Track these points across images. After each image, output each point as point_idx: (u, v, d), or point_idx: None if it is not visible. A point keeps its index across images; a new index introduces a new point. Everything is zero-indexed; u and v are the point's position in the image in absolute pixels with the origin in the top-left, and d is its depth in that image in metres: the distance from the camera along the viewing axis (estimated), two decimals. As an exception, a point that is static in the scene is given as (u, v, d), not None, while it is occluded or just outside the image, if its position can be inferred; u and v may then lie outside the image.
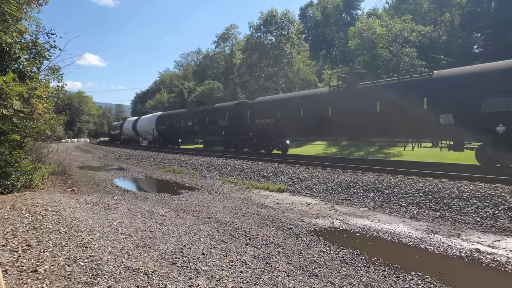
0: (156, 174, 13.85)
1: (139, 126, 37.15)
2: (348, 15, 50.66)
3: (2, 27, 8.65)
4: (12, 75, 7.74)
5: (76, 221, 5.68)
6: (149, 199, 8.40)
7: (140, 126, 37.07)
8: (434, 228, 5.56)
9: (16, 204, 6.94)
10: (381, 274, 3.75)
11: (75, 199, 7.85)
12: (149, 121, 34.75)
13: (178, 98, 54.65)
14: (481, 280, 3.87)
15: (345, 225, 5.89)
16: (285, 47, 36.69)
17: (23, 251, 4.17)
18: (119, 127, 45.94)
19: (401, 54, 24.71)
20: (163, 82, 72.18)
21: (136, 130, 37.84)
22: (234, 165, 13.75)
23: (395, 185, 8.23)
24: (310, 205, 7.54)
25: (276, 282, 3.45)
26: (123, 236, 4.96)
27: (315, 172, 10.93)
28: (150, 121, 34.07)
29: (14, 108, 7.67)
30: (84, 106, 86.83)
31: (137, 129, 37.66)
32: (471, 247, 4.64)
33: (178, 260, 4.00)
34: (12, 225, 5.34)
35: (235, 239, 4.96)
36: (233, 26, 48.47)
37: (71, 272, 3.59)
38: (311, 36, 51.23)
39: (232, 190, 9.66)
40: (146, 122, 35.29)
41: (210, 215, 6.48)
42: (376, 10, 40.99)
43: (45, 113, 9.36)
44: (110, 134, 55.84)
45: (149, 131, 34.23)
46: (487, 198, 6.56)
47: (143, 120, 36.74)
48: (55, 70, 10.33)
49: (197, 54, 68.21)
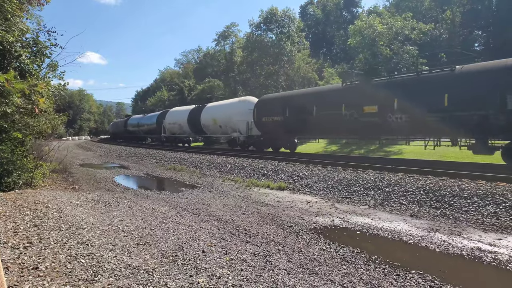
0: (157, 172, 13.86)
1: (213, 117, 22.88)
2: (348, 13, 50.55)
3: (3, 26, 8.64)
4: (13, 73, 7.75)
5: (77, 219, 5.69)
6: (149, 196, 8.40)
7: (213, 117, 22.75)
8: (435, 226, 5.56)
9: (17, 201, 6.94)
10: (381, 272, 3.75)
11: (76, 197, 7.86)
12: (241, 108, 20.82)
13: (179, 96, 54.59)
14: (482, 278, 3.87)
15: (345, 223, 5.89)
16: (286, 45, 36.65)
17: (25, 248, 4.18)
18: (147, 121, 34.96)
19: (401, 52, 24.64)
20: (163, 80, 72.12)
21: (200, 124, 24.29)
22: (234, 163, 13.76)
23: (395, 183, 8.22)
24: (310, 203, 7.54)
25: (276, 280, 3.45)
26: (124, 233, 4.97)
27: (315, 170, 10.93)
28: (243, 110, 20.44)
29: (15, 105, 7.69)
30: (85, 104, 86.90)
31: (202, 123, 24.14)
32: (472, 246, 4.63)
33: (178, 258, 4.01)
34: (14, 222, 5.35)
35: (235, 237, 4.97)
36: (233, 24, 48.42)
37: (72, 269, 3.60)
38: (311, 34, 51.15)
39: (232, 188, 9.67)
40: (234, 111, 21.13)
41: (210, 213, 6.49)
42: (377, 8, 40.87)
43: (45, 111, 9.36)
44: (115, 132, 50.85)
45: (235, 125, 20.76)
46: (488, 196, 6.56)
47: (223, 108, 22.58)
48: (54, 66, 10.32)
49: (198, 52, 68.23)
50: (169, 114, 30.10)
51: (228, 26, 48.33)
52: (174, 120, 28.87)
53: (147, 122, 35.18)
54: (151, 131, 34.33)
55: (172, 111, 30.54)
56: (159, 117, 32.00)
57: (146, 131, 35.86)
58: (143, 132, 36.81)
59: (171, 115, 29.75)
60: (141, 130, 37.17)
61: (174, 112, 30.09)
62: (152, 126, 33.31)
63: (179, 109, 30.04)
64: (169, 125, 29.55)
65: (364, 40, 25.67)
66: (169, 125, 29.56)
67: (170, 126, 29.41)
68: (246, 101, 21.27)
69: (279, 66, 37.11)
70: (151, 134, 34.82)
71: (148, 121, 34.76)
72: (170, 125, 29.40)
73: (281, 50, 36.50)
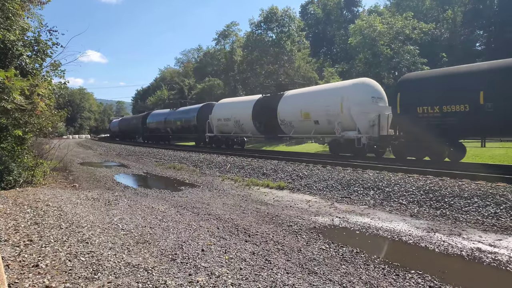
0: (157, 171, 13.87)
1: (301, 109, 15.98)
2: (349, 12, 50.44)
3: (5, 25, 8.65)
4: (13, 71, 7.76)
5: (77, 217, 5.70)
6: (149, 195, 8.41)
7: (303, 109, 15.90)
8: (435, 227, 5.56)
9: (18, 199, 6.96)
10: (380, 272, 3.76)
11: (76, 195, 7.87)
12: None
13: (179, 95, 54.56)
14: (482, 279, 3.87)
15: (345, 223, 5.89)
16: (286, 44, 36.61)
17: (25, 246, 4.19)
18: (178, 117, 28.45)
19: (402, 51, 24.62)
20: (163, 79, 72.11)
21: (277, 119, 17.38)
22: (234, 162, 13.76)
23: (395, 183, 8.22)
24: (310, 203, 7.55)
25: (276, 279, 3.45)
26: (124, 232, 4.98)
27: (315, 169, 10.93)
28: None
29: (15, 102, 7.69)
30: (85, 103, 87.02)
31: (280, 118, 17.21)
32: (472, 246, 4.64)
33: (177, 257, 4.02)
34: (14, 220, 5.36)
35: (235, 236, 4.97)
36: (233, 23, 48.37)
37: (72, 267, 3.60)
38: (311, 33, 51.04)
39: (232, 187, 9.67)
40: (346, 97, 14.16)
41: (210, 211, 6.49)
42: (378, 7, 40.81)
43: (46, 110, 9.37)
44: (120, 129, 45.95)
45: (349, 120, 14.02)
46: (488, 197, 6.56)
47: (322, 95, 15.56)
48: (56, 66, 10.33)
49: (198, 51, 68.13)
50: (218, 108, 22.59)
51: (228, 25, 48.31)
52: (226, 115, 21.30)
53: (180, 118, 27.97)
54: (186, 130, 27.37)
55: (223, 103, 22.92)
56: (201, 111, 25.04)
57: (178, 129, 28.62)
58: (174, 131, 29.58)
59: (221, 108, 22.24)
60: (170, 128, 30.00)
61: (226, 104, 22.34)
62: (189, 124, 26.32)
63: (234, 101, 22.73)
64: (219, 122, 21.97)
65: (365, 40, 25.67)
66: (219, 122, 21.98)
67: (220, 123, 21.91)
68: (366, 84, 14.23)
69: (279, 65, 37.08)
70: (187, 133, 27.97)
71: (182, 117, 27.72)
72: (220, 122, 21.87)
73: (281, 49, 36.46)
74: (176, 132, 29.53)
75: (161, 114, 32.55)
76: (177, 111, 29.58)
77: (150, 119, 34.10)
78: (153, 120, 33.65)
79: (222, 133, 22.26)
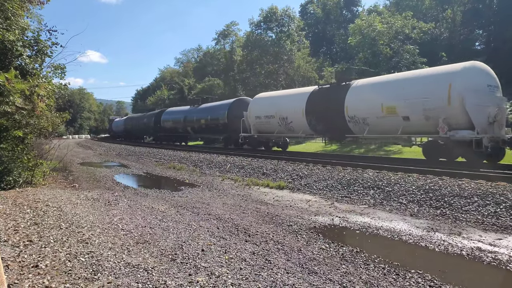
0: (157, 171, 13.86)
1: (382, 102, 12.42)
2: (348, 12, 50.47)
3: (4, 24, 8.64)
4: (14, 72, 7.76)
5: (77, 217, 5.70)
6: (149, 195, 8.41)
7: (385, 103, 12.30)
8: (435, 226, 5.56)
9: (18, 199, 6.95)
10: (381, 271, 3.76)
11: (76, 195, 7.86)
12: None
13: (179, 95, 54.54)
14: (482, 278, 3.87)
15: (344, 222, 5.89)
16: (285, 44, 36.62)
17: (25, 247, 4.19)
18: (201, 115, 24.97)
19: (402, 51, 24.62)
20: (163, 79, 72.12)
21: (345, 116, 13.80)
22: (234, 162, 13.76)
23: (395, 182, 8.22)
24: (309, 202, 7.54)
25: (276, 279, 3.45)
26: (123, 232, 4.97)
27: (315, 169, 10.93)
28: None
29: (16, 105, 7.70)
30: (85, 103, 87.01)
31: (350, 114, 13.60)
32: (472, 245, 4.63)
33: (177, 257, 4.01)
34: (14, 220, 5.36)
35: (235, 235, 4.97)
36: (233, 23, 48.41)
37: (72, 267, 3.60)
38: (311, 33, 51.09)
39: (232, 186, 9.67)
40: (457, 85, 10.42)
41: (209, 211, 6.49)
42: (377, 7, 40.82)
43: (46, 111, 9.37)
44: (125, 129, 42.49)
45: (460, 116, 10.47)
46: (488, 196, 6.55)
47: (419, 81, 11.69)
48: (59, 68, 10.33)
49: (198, 51, 68.18)
50: (257, 103, 19.10)
51: (228, 25, 48.33)
52: (268, 111, 17.74)
53: (204, 116, 24.52)
54: (213, 129, 24.17)
55: (263, 98, 19.32)
56: (232, 108, 21.64)
57: (201, 129, 25.31)
58: (196, 130, 26.30)
59: (261, 104, 18.70)
60: (191, 128, 26.60)
61: (268, 99, 18.75)
62: (217, 122, 23.00)
63: (279, 95, 19.21)
64: (257, 120, 18.52)
65: (364, 39, 25.66)
66: (257, 121, 18.55)
67: (260, 122, 18.45)
68: (480, 68, 11.08)
69: (279, 65, 37.09)
70: (213, 133, 25.07)
71: (207, 115, 24.22)
72: (260, 120, 18.39)
73: (281, 49, 36.47)
74: (200, 132, 26.26)
75: (179, 112, 28.93)
76: (200, 109, 25.84)
77: (165, 117, 30.61)
78: (169, 118, 30.05)
79: (260, 133, 18.80)
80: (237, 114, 20.51)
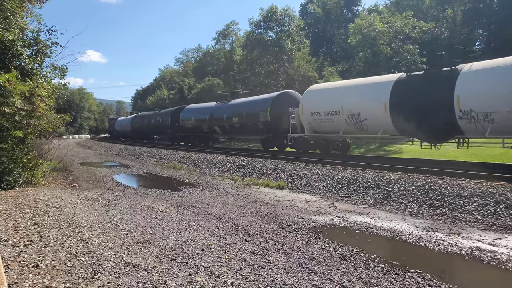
0: (157, 171, 13.87)
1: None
2: (349, 12, 50.43)
3: (4, 24, 8.65)
4: (15, 73, 7.77)
5: (77, 217, 5.70)
6: (149, 195, 8.42)
7: None
8: (435, 226, 5.56)
9: (18, 199, 6.96)
10: (380, 271, 3.76)
11: (76, 195, 7.87)
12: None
13: (178, 95, 54.55)
14: (482, 278, 3.87)
15: (344, 222, 5.90)
16: (286, 43, 36.58)
17: (25, 246, 4.19)
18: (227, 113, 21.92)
19: (402, 50, 24.62)
20: (163, 79, 72.11)
21: (464, 111, 10.19)
22: (234, 162, 13.76)
23: (395, 182, 8.23)
24: (309, 202, 7.55)
25: (275, 279, 3.46)
26: (123, 232, 4.98)
27: (314, 169, 10.93)
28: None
29: (16, 106, 7.70)
30: (85, 103, 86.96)
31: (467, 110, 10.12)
32: (472, 245, 4.64)
33: (177, 256, 4.02)
34: (14, 220, 5.36)
35: (235, 235, 4.98)
36: (233, 23, 48.34)
37: (72, 267, 3.61)
38: (311, 33, 51.02)
39: (232, 186, 9.68)
40: None
41: (209, 211, 6.50)
42: (377, 7, 40.78)
43: (46, 111, 9.37)
44: (133, 128, 39.62)
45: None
46: (488, 196, 6.56)
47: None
48: (61, 70, 10.32)
49: (197, 51, 68.18)
50: (312, 96, 15.46)
51: (228, 24, 48.28)
52: (331, 105, 14.23)
53: (237, 113, 20.74)
54: (249, 128, 20.21)
55: (321, 90, 15.66)
56: (277, 103, 18.02)
57: (234, 128, 21.62)
58: (226, 130, 22.68)
59: (319, 97, 15.10)
60: (220, 127, 23.00)
61: (328, 91, 15.17)
62: (255, 120, 19.10)
63: (346, 84, 15.11)
64: (314, 117, 14.89)
65: (365, 39, 25.66)
66: (314, 118, 14.90)
67: (317, 119, 14.79)
68: None
69: (279, 64, 37.06)
70: (250, 133, 21.35)
71: (241, 111, 20.45)
72: (317, 117, 14.75)
73: (281, 48, 36.44)
74: (231, 132, 22.68)
75: (203, 109, 25.29)
76: (231, 105, 22.35)
77: (185, 116, 27.00)
78: (190, 116, 26.42)
79: (317, 133, 15.16)
80: (282, 110, 17.32)
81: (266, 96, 20.50)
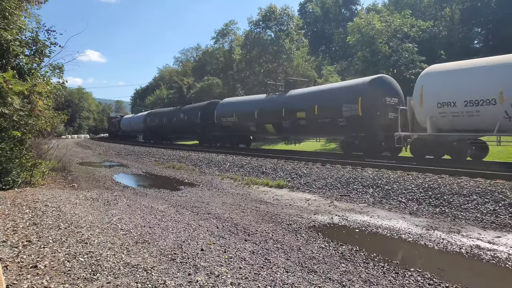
0: (156, 170, 13.85)
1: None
2: (347, 11, 50.45)
3: (2, 24, 8.61)
4: (12, 73, 7.73)
5: (76, 217, 5.68)
6: (148, 195, 8.40)
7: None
8: (434, 224, 5.57)
9: (16, 200, 6.93)
10: (380, 270, 3.76)
11: (75, 195, 7.85)
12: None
13: (178, 94, 54.50)
14: (481, 276, 3.88)
15: (344, 221, 5.89)
16: (284, 42, 36.56)
17: (24, 247, 4.17)
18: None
19: (400, 49, 24.61)
20: (162, 78, 72.03)
21: None
22: (233, 161, 13.75)
23: (394, 181, 8.23)
24: (309, 201, 7.55)
25: (275, 278, 3.45)
26: (123, 232, 4.96)
27: (314, 168, 10.93)
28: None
29: (14, 106, 7.67)
30: (84, 103, 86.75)
31: None
32: (471, 243, 4.64)
33: (177, 256, 4.01)
34: (13, 221, 5.34)
35: (234, 235, 4.97)
36: (232, 22, 48.24)
37: (71, 267, 3.59)
38: (310, 32, 51.01)
39: (231, 186, 9.67)
40: None
41: (209, 211, 6.49)
42: (376, 6, 40.79)
43: (45, 110, 9.34)
44: (147, 127, 34.51)
45: None
46: (487, 194, 6.56)
47: None
48: (58, 68, 10.29)
49: (197, 50, 68.06)
50: (437, 80, 11.33)
51: (227, 24, 48.19)
52: (473, 94, 10.19)
53: (303, 108, 15.96)
54: (324, 127, 15.31)
55: (451, 70, 11.34)
56: (369, 92, 13.27)
57: (297, 126, 16.59)
58: (284, 129, 17.66)
59: (449, 81, 11.08)
60: (275, 124, 17.96)
61: (464, 73, 10.80)
62: (336, 114, 14.30)
63: (496, 62, 10.30)
64: (443, 109, 10.92)
65: (363, 38, 25.64)
66: (443, 110, 10.93)
67: (449, 113, 10.84)
68: None
69: (278, 64, 37.05)
70: (326, 133, 16.68)
71: (310, 105, 15.44)
72: (450, 109, 10.77)
73: (280, 47, 36.42)
74: (292, 131, 17.61)
75: (249, 103, 20.55)
76: (290, 96, 17.58)
77: (222, 111, 22.05)
78: (230, 112, 21.36)
79: (443, 131, 11.26)
80: (377, 101, 13.06)
81: (351, 82, 15.51)
